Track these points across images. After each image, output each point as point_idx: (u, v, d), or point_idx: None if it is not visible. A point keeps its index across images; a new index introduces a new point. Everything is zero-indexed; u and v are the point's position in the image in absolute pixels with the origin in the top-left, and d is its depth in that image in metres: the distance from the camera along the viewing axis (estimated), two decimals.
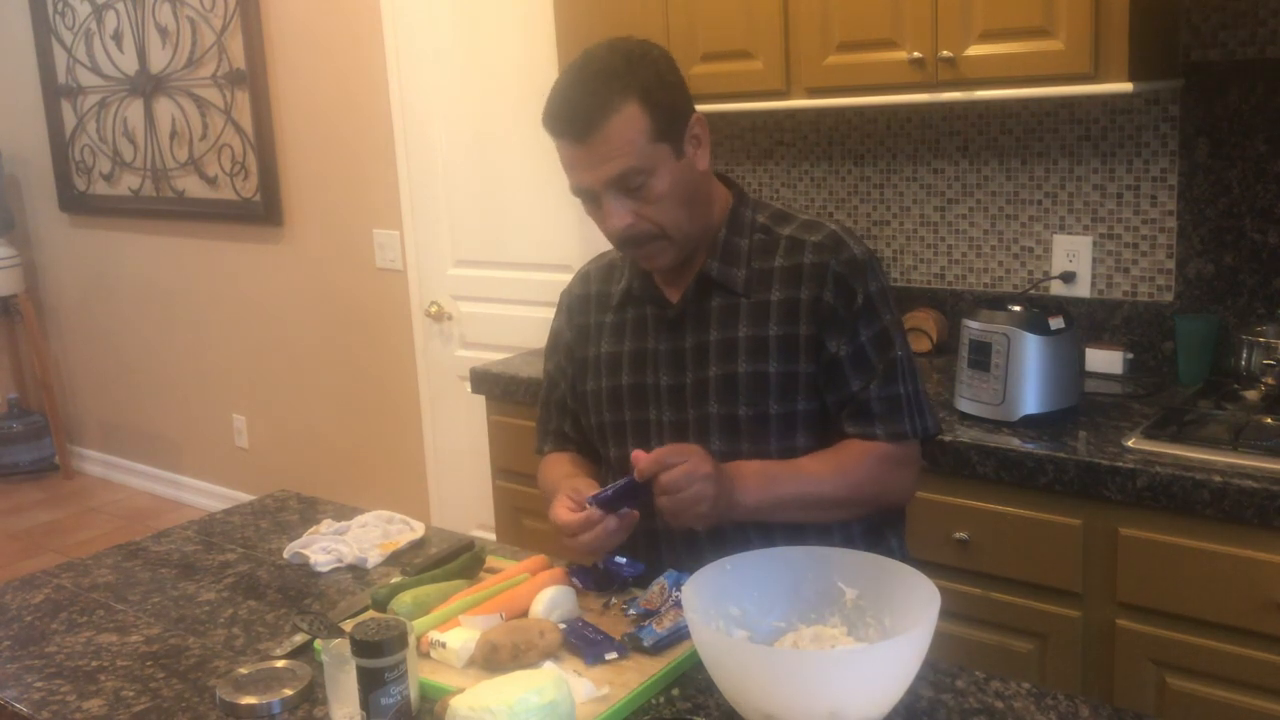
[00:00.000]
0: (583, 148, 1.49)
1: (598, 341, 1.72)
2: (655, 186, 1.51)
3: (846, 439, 1.58)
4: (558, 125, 1.51)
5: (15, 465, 5.53)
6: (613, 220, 1.53)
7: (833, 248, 1.57)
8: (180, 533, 2.02)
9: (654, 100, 1.50)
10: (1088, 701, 1.31)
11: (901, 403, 1.58)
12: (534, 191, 3.54)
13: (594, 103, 1.47)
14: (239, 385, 4.73)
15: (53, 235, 5.40)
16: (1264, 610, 1.87)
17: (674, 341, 1.63)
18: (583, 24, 2.89)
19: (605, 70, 1.50)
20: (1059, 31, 2.19)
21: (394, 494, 4.12)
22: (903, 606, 1.31)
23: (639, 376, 1.66)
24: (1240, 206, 2.40)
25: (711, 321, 1.60)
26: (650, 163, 1.50)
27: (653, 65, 1.53)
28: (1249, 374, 2.28)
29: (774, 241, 1.60)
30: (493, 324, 3.73)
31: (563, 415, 1.80)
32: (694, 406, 1.61)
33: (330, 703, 1.32)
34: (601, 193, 1.52)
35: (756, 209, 1.65)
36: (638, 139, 1.49)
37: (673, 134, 1.52)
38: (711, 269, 1.60)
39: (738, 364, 1.58)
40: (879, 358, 1.57)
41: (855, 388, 1.56)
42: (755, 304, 1.58)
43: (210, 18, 4.31)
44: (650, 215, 1.53)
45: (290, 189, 4.27)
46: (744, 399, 1.57)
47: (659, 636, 1.42)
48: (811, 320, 1.56)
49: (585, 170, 1.51)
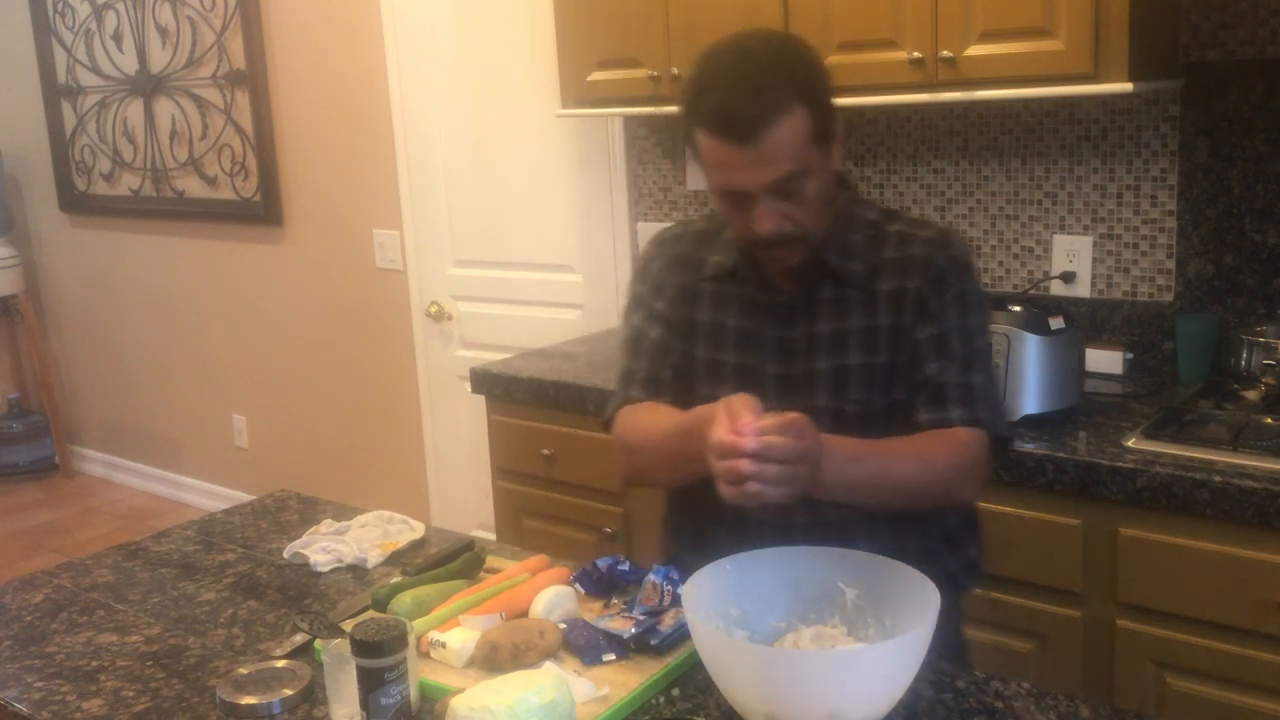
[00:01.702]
0: (744, 150, 1.42)
1: (699, 306, 1.66)
2: (809, 189, 1.48)
3: (920, 427, 1.53)
4: (717, 125, 1.43)
5: (15, 465, 5.53)
6: (764, 223, 1.48)
7: (941, 243, 1.57)
8: (180, 533, 2.02)
9: (817, 100, 1.45)
10: (1088, 701, 1.31)
11: (976, 392, 1.53)
12: (534, 191, 3.54)
13: (762, 104, 1.40)
14: (239, 385, 4.73)
15: (53, 235, 5.40)
16: (1264, 610, 1.87)
17: (784, 330, 1.59)
18: (583, 24, 2.89)
19: (771, 68, 1.43)
20: (1059, 31, 2.19)
21: (394, 494, 4.12)
22: (903, 606, 1.31)
23: (746, 358, 1.61)
24: (1240, 206, 2.40)
25: (821, 313, 1.57)
26: (809, 165, 1.46)
27: (811, 60, 1.48)
28: (1249, 374, 2.28)
29: (883, 236, 1.59)
30: (493, 324, 3.73)
31: (658, 361, 1.67)
32: (803, 397, 1.56)
33: (330, 703, 1.32)
34: (757, 195, 1.46)
35: (864, 207, 1.63)
36: (802, 142, 1.43)
37: (828, 133, 1.48)
38: (830, 259, 1.56)
39: (849, 356, 1.55)
40: (961, 346, 1.54)
41: (931, 370, 1.53)
42: (866, 295, 1.56)
43: (210, 18, 4.31)
44: (798, 217, 1.49)
45: (290, 189, 4.27)
46: (853, 392, 1.55)
47: (663, 635, 1.43)
48: (912, 310, 1.54)
49: (742, 172, 1.45)
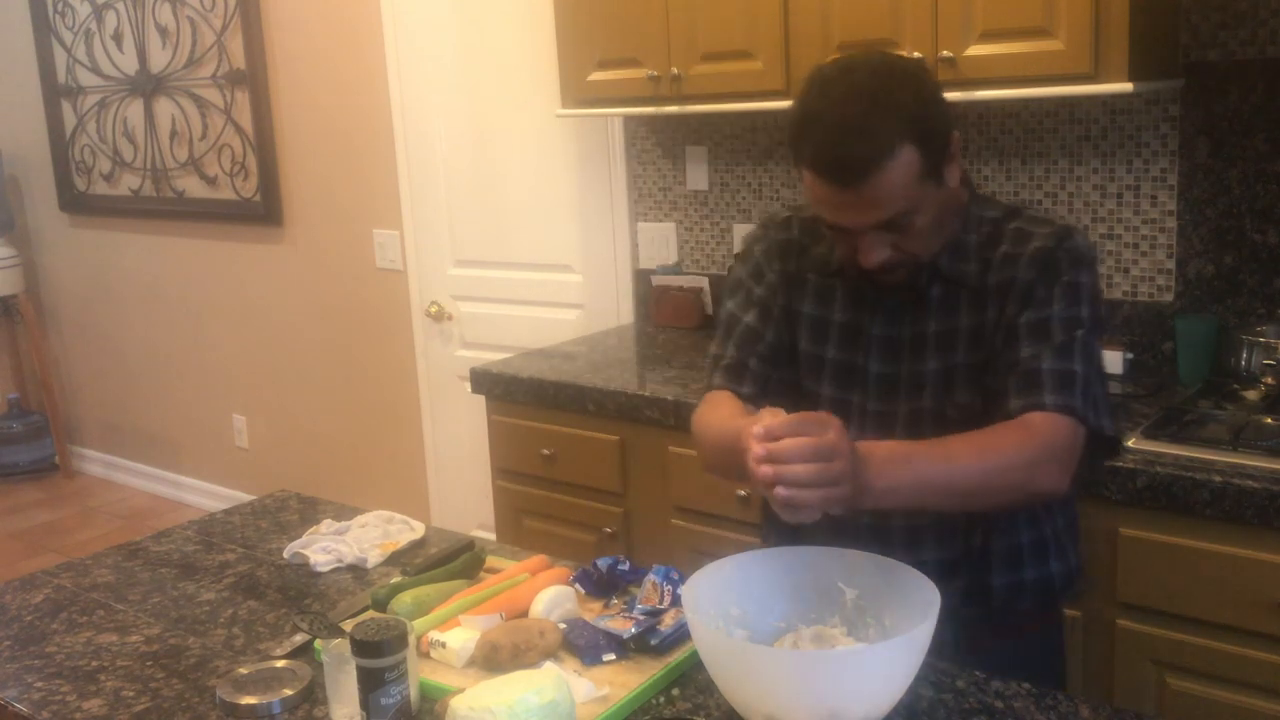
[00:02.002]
0: (849, 193, 1.38)
1: (802, 297, 1.61)
2: (917, 223, 1.43)
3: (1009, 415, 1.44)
4: (820, 167, 1.39)
5: (15, 465, 5.53)
6: (869, 258, 1.44)
7: (1060, 235, 1.49)
8: (180, 533, 2.02)
9: (926, 136, 1.39)
10: (1088, 701, 1.31)
11: (1076, 380, 1.44)
12: (534, 191, 3.54)
13: (868, 149, 1.35)
14: (239, 385, 4.73)
15: (53, 235, 5.40)
16: (1264, 610, 1.87)
17: (890, 328, 1.54)
18: (583, 24, 2.89)
19: (875, 107, 1.36)
20: (1059, 31, 2.19)
21: (394, 494, 4.12)
22: (903, 606, 1.31)
23: (848, 355, 1.57)
24: (1240, 206, 2.40)
25: (931, 311, 1.52)
26: (917, 203, 1.41)
27: (921, 88, 1.41)
28: (1249, 374, 2.28)
29: (1000, 233, 1.52)
30: (493, 324, 3.73)
31: (746, 349, 1.63)
32: (906, 399, 1.53)
33: (330, 703, 1.32)
34: (860, 232, 1.43)
35: (986, 205, 1.57)
36: (909, 183, 1.39)
37: (939, 165, 1.43)
38: (942, 263, 1.51)
39: (958, 356, 1.50)
40: (1063, 333, 1.45)
41: (1025, 353, 1.45)
42: (975, 292, 1.50)
43: (210, 18, 4.31)
44: (908, 248, 1.45)
45: (290, 189, 4.27)
46: (959, 394, 1.50)
47: (663, 635, 1.43)
48: (1018, 299, 1.48)
49: (847, 212, 1.42)
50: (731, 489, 2.43)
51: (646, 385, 2.66)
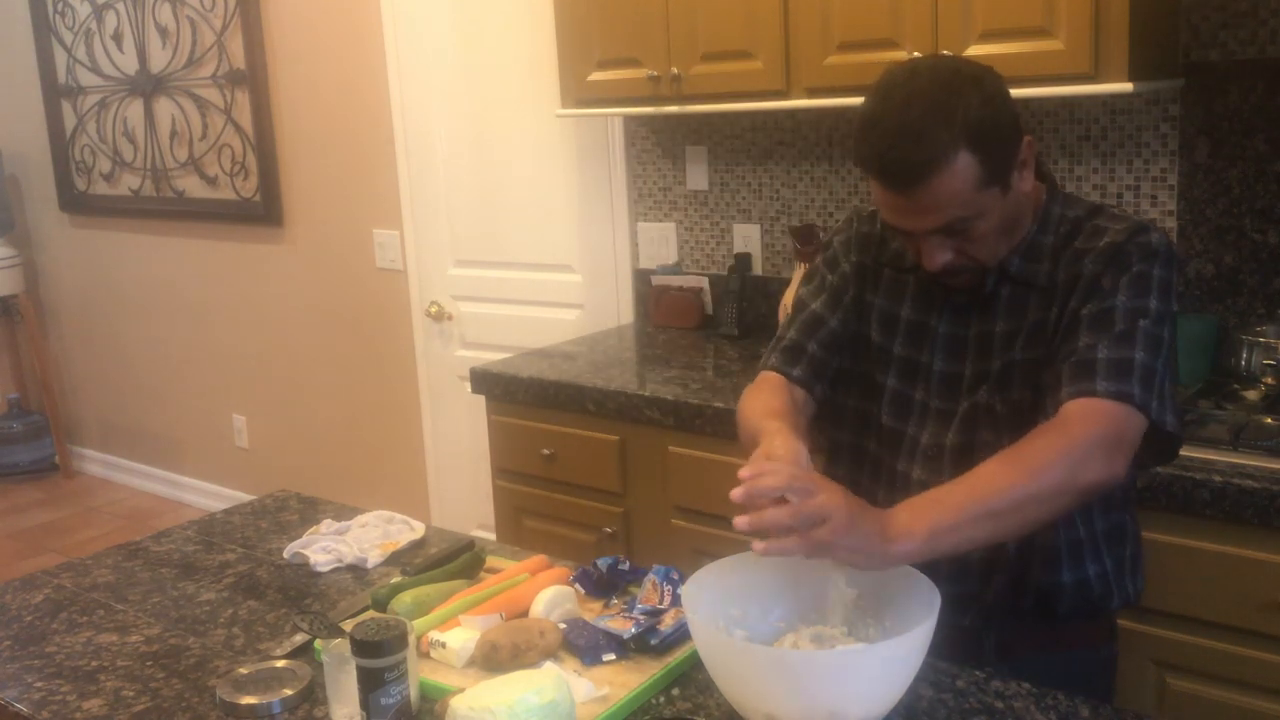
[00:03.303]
0: (905, 198, 1.39)
1: (875, 289, 1.62)
2: (979, 228, 1.42)
3: (1059, 404, 1.39)
4: (879, 171, 1.40)
5: (15, 465, 5.53)
6: (930, 261, 1.45)
7: (1134, 230, 1.45)
8: (180, 533, 2.02)
9: (986, 144, 1.37)
10: (1087, 702, 1.31)
11: (1134, 367, 1.37)
12: (534, 191, 3.54)
13: (922, 155, 1.35)
14: (239, 385, 4.73)
15: (53, 235, 5.40)
16: (1264, 610, 1.87)
17: (957, 327, 1.54)
18: (583, 23, 2.89)
19: (934, 113, 1.35)
20: (1059, 31, 2.19)
21: (394, 494, 4.12)
22: (903, 606, 1.31)
23: (913, 351, 1.57)
24: (1240, 206, 2.40)
25: (999, 311, 1.51)
26: (978, 210, 1.40)
27: (984, 98, 1.38)
28: (1249, 374, 2.28)
29: (1078, 232, 1.49)
30: (493, 324, 3.73)
31: (807, 333, 1.63)
32: (968, 397, 1.51)
33: (330, 703, 1.32)
34: (921, 237, 1.44)
35: (1067, 204, 1.53)
36: (967, 190, 1.37)
37: (1003, 172, 1.40)
38: (1012, 265, 1.49)
39: (1015, 352, 1.48)
40: (1125, 323, 1.40)
41: (1083, 343, 1.40)
42: (1042, 290, 1.48)
43: (210, 18, 4.31)
44: (971, 252, 1.45)
45: (290, 189, 4.27)
46: (1015, 388, 1.48)
47: (663, 635, 1.43)
48: (1083, 292, 1.44)
49: (905, 217, 1.42)
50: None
51: (646, 385, 2.66)
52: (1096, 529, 1.53)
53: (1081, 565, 1.52)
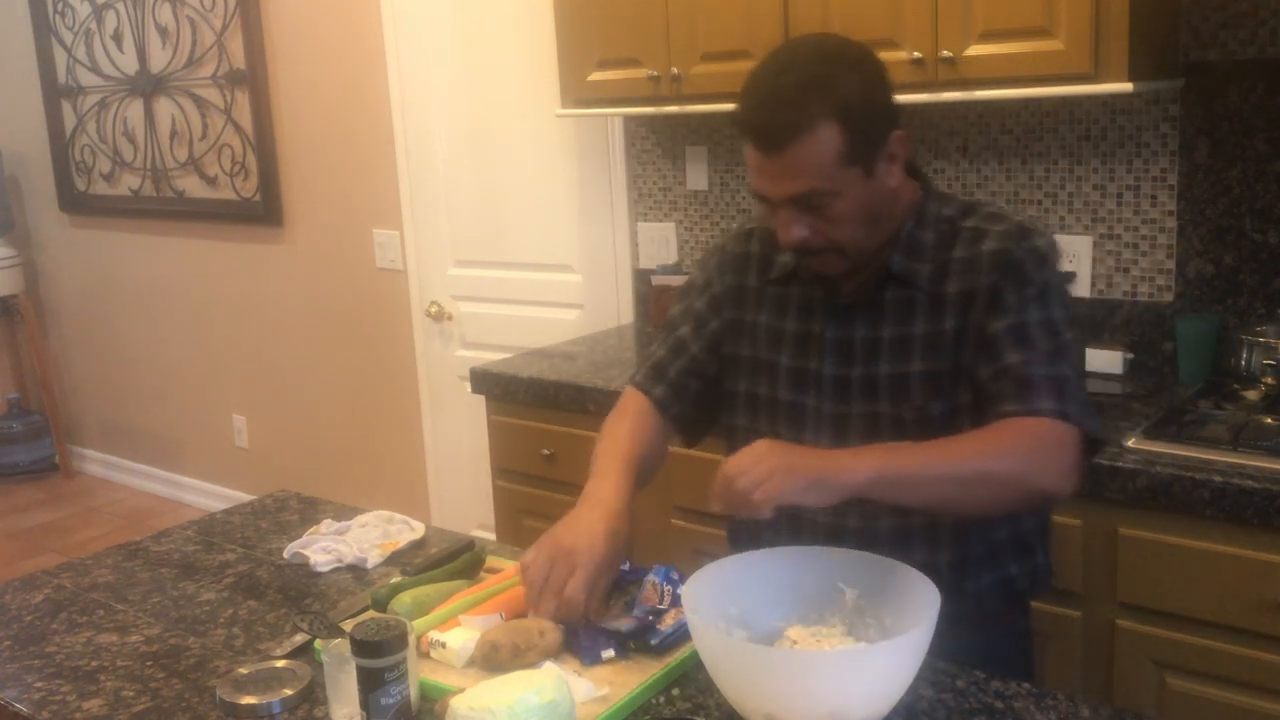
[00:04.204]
0: (769, 160, 1.43)
1: (756, 308, 1.65)
2: (838, 207, 1.45)
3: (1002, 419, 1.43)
4: (746, 130, 1.45)
5: (15, 465, 5.53)
6: (786, 233, 1.48)
7: (1016, 235, 1.49)
8: (180, 533, 2.02)
9: (852, 122, 1.41)
10: (1088, 701, 1.31)
11: (1068, 386, 1.44)
12: (534, 191, 3.54)
13: (789, 117, 1.39)
14: (239, 385, 4.73)
15: (53, 235, 5.40)
16: (1264, 610, 1.87)
17: (843, 331, 1.56)
18: (583, 23, 2.89)
19: (806, 79, 1.41)
20: (1059, 31, 2.19)
21: (394, 494, 4.12)
22: (903, 606, 1.31)
23: (801, 360, 1.59)
24: (1240, 206, 2.40)
25: (886, 315, 1.53)
26: (836, 185, 1.43)
27: (859, 80, 1.44)
28: (1249, 374, 2.28)
29: (955, 233, 1.53)
30: (493, 324, 3.73)
31: (675, 355, 1.71)
32: (860, 402, 1.54)
33: (330, 703, 1.32)
34: (780, 205, 1.47)
35: (942, 202, 1.57)
36: (827, 162, 1.41)
37: (867, 156, 1.44)
38: (894, 262, 1.52)
39: (913, 362, 1.51)
40: (1045, 339, 1.45)
41: (1013, 360, 1.44)
42: (932, 298, 1.51)
43: (210, 18, 4.31)
44: (827, 232, 1.47)
45: (290, 189, 4.27)
46: (915, 398, 1.50)
47: (663, 635, 1.43)
48: (983, 307, 1.47)
49: (767, 180, 1.46)
50: None
51: None
52: (1028, 525, 1.59)
53: (1027, 559, 1.59)
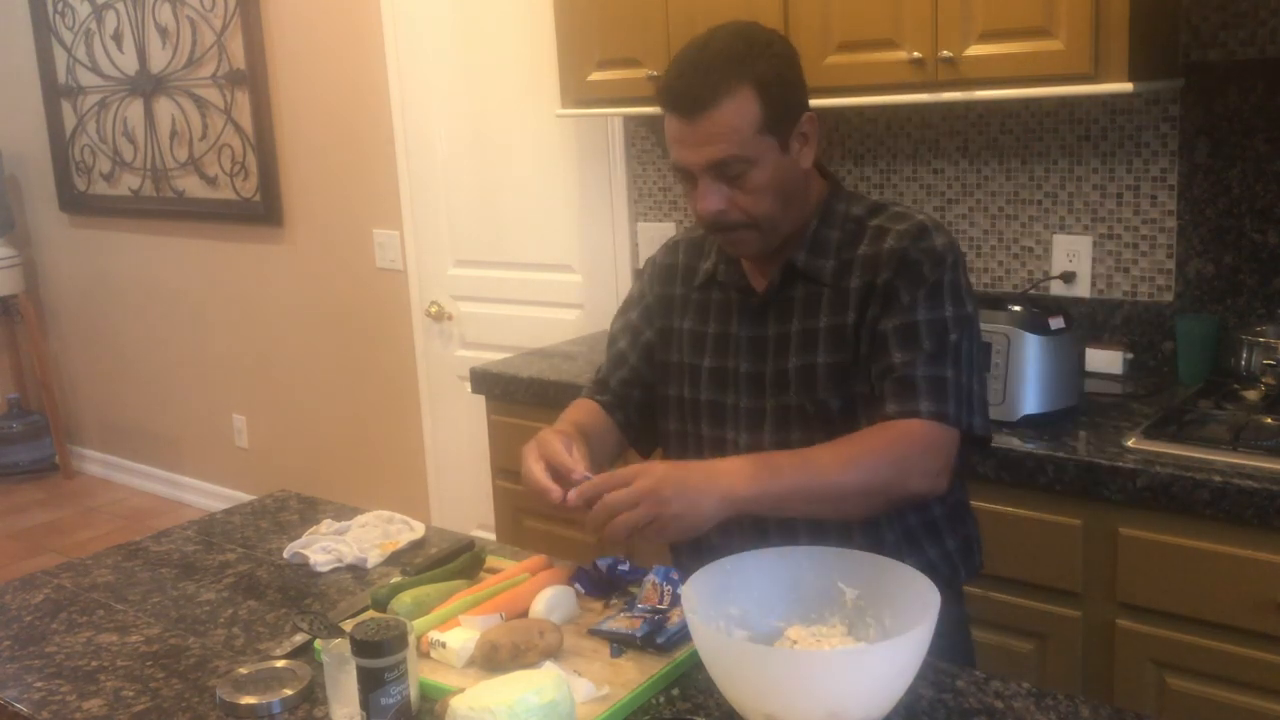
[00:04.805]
0: (689, 126, 1.48)
1: (682, 315, 1.71)
2: (754, 178, 1.50)
3: (886, 419, 1.49)
4: (668, 98, 1.50)
5: (15, 465, 5.53)
6: (704, 203, 1.51)
7: (915, 234, 1.53)
8: (180, 533, 2.02)
9: (769, 92, 1.48)
10: (1088, 702, 1.31)
11: (948, 386, 1.50)
12: (534, 191, 3.54)
13: (708, 83, 1.46)
14: (239, 385, 4.73)
15: (53, 235, 5.40)
16: (1264, 610, 1.87)
17: (756, 329, 1.62)
18: (583, 24, 2.89)
19: (726, 52, 1.49)
20: (1059, 31, 2.19)
21: (394, 494, 4.12)
22: (903, 606, 1.31)
23: (720, 360, 1.64)
24: (1240, 206, 2.40)
25: (795, 311, 1.59)
26: (753, 153, 1.48)
27: (775, 57, 1.51)
28: (1249, 374, 2.28)
29: (862, 231, 1.57)
30: (493, 324, 3.73)
31: (616, 367, 1.77)
32: (773, 395, 1.59)
33: (330, 703, 1.32)
34: (698, 174, 1.50)
35: (851, 201, 1.62)
36: (745, 128, 1.47)
37: (782, 128, 1.50)
38: (798, 259, 1.57)
39: (818, 355, 1.56)
40: (931, 340, 1.50)
41: (897, 359, 1.50)
42: (836, 293, 1.56)
43: (210, 18, 4.31)
44: (744, 205, 1.51)
45: (290, 189, 4.27)
46: (822, 389, 1.55)
47: (669, 633, 1.43)
48: (879, 302, 1.52)
49: (687, 149, 1.50)
50: None
51: None
52: (937, 511, 1.62)
53: (942, 541, 1.63)
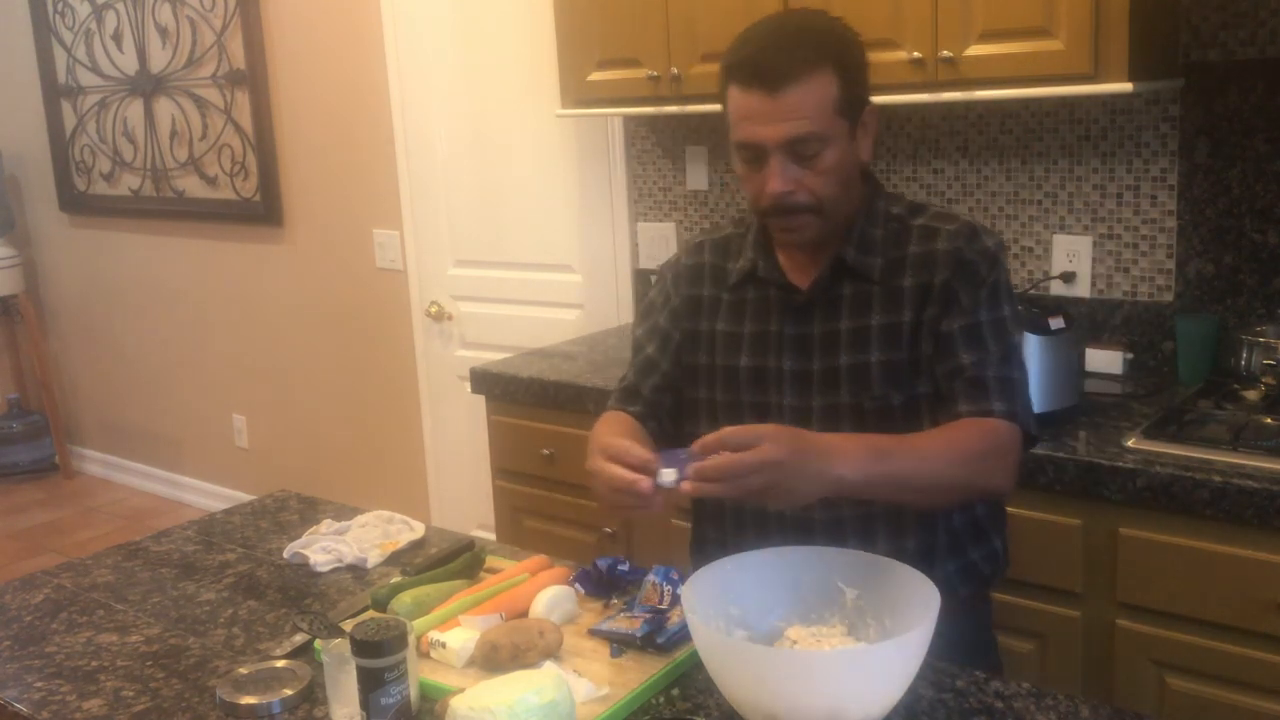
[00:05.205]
0: (769, 101, 1.45)
1: (713, 317, 1.68)
2: (826, 159, 1.49)
3: (957, 419, 1.50)
4: (747, 72, 1.47)
5: (15, 465, 5.53)
6: (774, 183, 1.49)
7: (968, 235, 1.55)
8: (180, 533, 2.02)
9: (847, 74, 1.48)
10: (1088, 701, 1.31)
11: (1015, 387, 1.53)
12: (534, 191, 3.54)
13: (793, 58, 1.44)
14: (239, 385, 4.73)
15: (53, 235, 5.40)
16: (1264, 610, 1.87)
17: (801, 327, 1.60)
18: (583, 23, 2.89)
19: (808, 29, 1.49)
20: (1059, 32, 2.19)
21: (394, 494, 4.12)
22: (903, 606, 1.31)
23: (760, 360, 1.62)
24: (1240, 206, 2.40)
25: (843, 309, 1.57)
26: (829, 133, 1.48)
27: (851, 43, 1.52)
28: (1249, 374, 2.28)
29: (906, 230, 1.58)
30: (493, 324, 3.73)
31: (646, 375, 1.73)
32: (820, 394, 1.57)
33: (330, 703, 1.32)
34: (772, 151, 1.48)
35: (890, 200, 1.62)
36: (827, 106, 1.46)
37: (853, 112, 1.51)
38: (848, 255, 1.57)
39: (871, 353, 1.55)
40: (995, 341, 1.53)
41: (966, 360, 1.51)
42: (889, 291, 1.56)
43: (210, 18, 4.31)
44: (811, 186, 1.50)
45: (290, 189, 4.27)
46: (876, 388, 1.54)
47: (669, 633, 1.43)
48: (938, 303, 1.53)
49: (764, 124, 1.47)
50: None
51: None
52: (980, 512, 1.64)
53: (985, 543, 1.64)
